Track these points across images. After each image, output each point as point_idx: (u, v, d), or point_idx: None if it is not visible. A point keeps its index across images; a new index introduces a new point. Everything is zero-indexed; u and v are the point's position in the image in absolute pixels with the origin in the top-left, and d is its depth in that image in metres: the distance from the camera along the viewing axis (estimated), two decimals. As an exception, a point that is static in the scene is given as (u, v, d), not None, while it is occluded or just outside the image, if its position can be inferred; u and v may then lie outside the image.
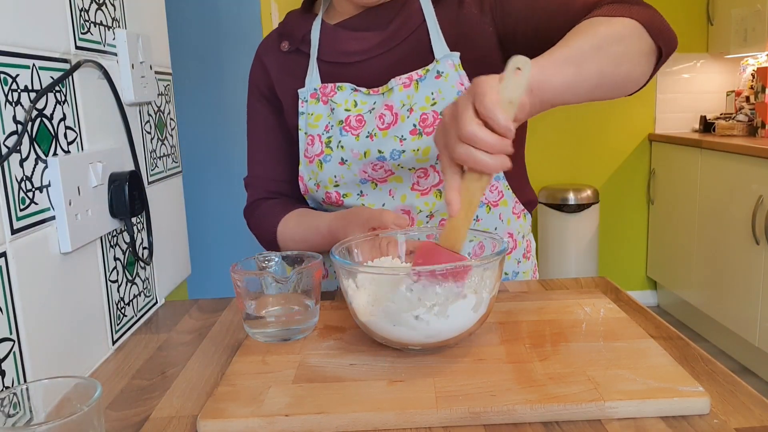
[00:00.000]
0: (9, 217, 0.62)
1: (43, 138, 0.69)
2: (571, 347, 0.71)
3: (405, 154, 0.94)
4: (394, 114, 0.95)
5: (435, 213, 0.99)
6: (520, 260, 1.09)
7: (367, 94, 0.98)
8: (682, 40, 4.09)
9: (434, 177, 0.97)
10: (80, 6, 0.79)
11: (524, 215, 1.08)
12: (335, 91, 0.99)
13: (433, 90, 0.94)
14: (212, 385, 0.70)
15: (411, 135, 0.94)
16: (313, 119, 1.00)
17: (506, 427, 0.59)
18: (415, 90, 0.95)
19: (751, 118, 3.13)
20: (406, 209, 0.99)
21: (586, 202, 3.41)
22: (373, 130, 0.96)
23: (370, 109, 0.97)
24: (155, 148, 1.02)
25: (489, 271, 0.69)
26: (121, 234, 0.87)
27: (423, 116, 0.94)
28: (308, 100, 1.00)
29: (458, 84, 0.94)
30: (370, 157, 0.96)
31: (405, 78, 0.95)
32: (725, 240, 2.89)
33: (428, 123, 0.94)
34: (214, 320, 0.90)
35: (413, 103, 0.94)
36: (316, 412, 0.60)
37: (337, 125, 0.98)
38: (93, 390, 0.51)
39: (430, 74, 0.95)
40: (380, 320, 0.69)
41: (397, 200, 0.99)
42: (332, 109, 0.98)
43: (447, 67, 0.95)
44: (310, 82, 1.01)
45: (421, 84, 0.95)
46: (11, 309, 0.62)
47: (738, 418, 0.59)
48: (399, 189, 0.98)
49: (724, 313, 2.93)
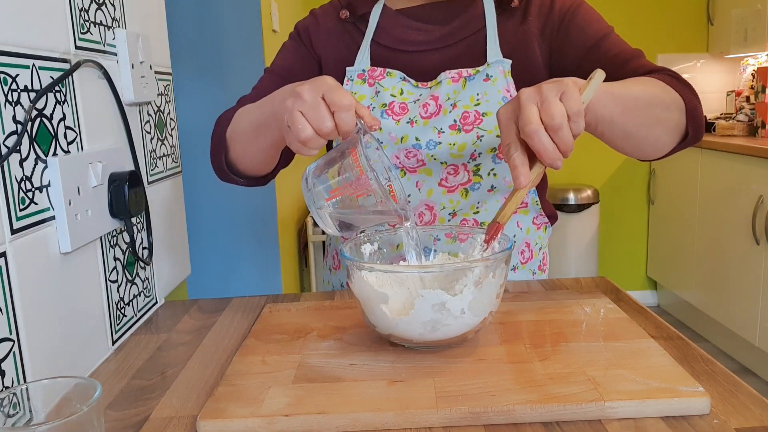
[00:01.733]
0: (9, 217, 0.62)
1: (42, 138, 0.69)
2: (571, 347, 0.71)
3: (440, 146, 0.95)
4: (438, 105, 0.96)
5: (458, 212, 1.00)
6: (535, 272, 1.09)
7: (415, 86, 0.99)
8: (682, 40, 4.06)
9: (464, 175, 0.98)
10: (80, 6, 0.79)
11: (545, 228, 1.08)
12: (384, 76, 0.99)
13: (479, 91, 0.96)
14: (212, 385, 0.70)
15: (450, 129, 0.95)
16: (357, 98, 0.99)
17: (506, 427, 0.59)
18: (462, 87, 0.96)
19: (752, 118, 3.13)
20: (430, 204, 0.99)
21: (586, 202, 3.42)
22: (414, 117, 0.96)
23: (415, 100, 0.98)
24: (155, 148, 1.02)
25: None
26: (120, 234, 0.87)
27: (465, 114, 0.95)
28: (354, 79, 1.00)
29: (504, 90, 0.95)
30: (407, 143, 0.96)
31: (455, 73, 0.97)
32: (725, 240, 2.89)
33: (468, 121, 0.95)
34: (214, 320, 0.90)
35: (458, 99, 0.96)
36: (316, 412, 0.60)
37: (379, 107, 0.98)
38: (93, 390, 0.51)
39: (479, 75, 0.96)
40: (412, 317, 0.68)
41: (423, 194, 0.99)
42: (377, 92, 0.99)
43: (497, 72, 0.96)
44: (360, 62, 1.01)
45: (468, 82, 0.96)
46: (11, 309, 0.62)
47: (738, 418, 0.59)
48: (427, 182, 0.98)
49: (724, 313, 2.93)
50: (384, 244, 0.82)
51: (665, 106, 0.85)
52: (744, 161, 2.73)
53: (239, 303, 0.97)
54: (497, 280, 0.70)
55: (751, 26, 3.10)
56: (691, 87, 0.91)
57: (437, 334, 0.69)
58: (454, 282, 0.73)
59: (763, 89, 3.03)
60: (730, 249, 2.85)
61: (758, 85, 3.10)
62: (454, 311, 0.67)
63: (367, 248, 0.81)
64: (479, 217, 1.00)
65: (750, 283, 2.72)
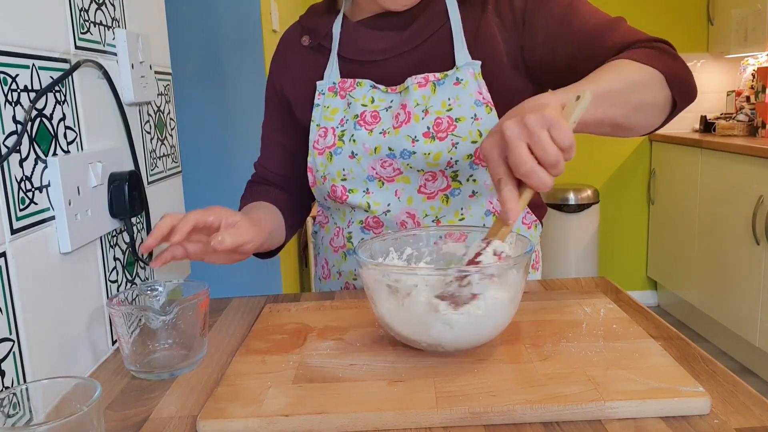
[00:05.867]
0: (9, 217, 0.62)
1: (42, 138, 0.69)
2: (571, 347, 0.71)
3: (415, 156, 0.94)
4: (407, 113, 0.95)
5: (441, 218, 0.98)
6: (529, 270, 1.08)
7: (385, 92, 0.98)
8: (682, 40, 4.06)
9: (442, 181, 0.97)
10: (80, 6, 0.79)
11: (535, 226, 1.08)
12: (354, 87, 0.99)
13: (450, 96, 0.94)
14: (212, 385, 0.70)
15: (424, 137, 0.93)
16: (329, 112, 1.00)
17: (506, 427, 0.59)
18: (432, 92, 0.95)
19: (752, 118, 3.13)
20: (411, 212, 0.98)
21: (586, 202, 3.42)
22: (387, 127, 0.96)
23: (386, 107, 0.97)
24: (155, 148, 1.02)
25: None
26: (120, 234, 0.87)
27: (438, 120, 0.93)
28: (325, 93, 1.01)
29: (476, 93, 0.94)
30: (381, 153, 0.96)
31: (421, 78, 0.95)
32: (725, 240, 2.89)
33: (442, 128, 0.93)
34: (214, 320, 0.90)
35: (429, 105, 0.94)
36: (316, 412, 0.60)
37: (352, 119, 0.98)
38: (93, 390, 0.51)
39: (449, 79, 0.95)
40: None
41: (404, 202, 0.98)
42: (349, 103, 0.99)
43: (467, 75, 0.94)
44: (329, 76, 1.01)
45: (438, 87, 0.95)
46: (11, 309, 0.62)
47: (738, 418, 0.59)
48: (406, 190, 0.98)
49: (725, 313, 2.93)
50: None
51: (646, 87, 0.83)
52: (744, 161, 2.73)
53: (239, 303, 0.97)
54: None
55: (751, 26, 3.10)
56: (668, 51, 0.88)
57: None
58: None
59: (764, 89, 3.03)
60: (730, 249, 2.85)
61: (758, 85, 3.10)
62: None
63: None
64: (465, 223, 0.99)
65: (750, 283, 2.72)
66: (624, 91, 0.80)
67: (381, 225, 1.00)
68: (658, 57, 0.86)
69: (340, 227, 1.05)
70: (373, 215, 0.99)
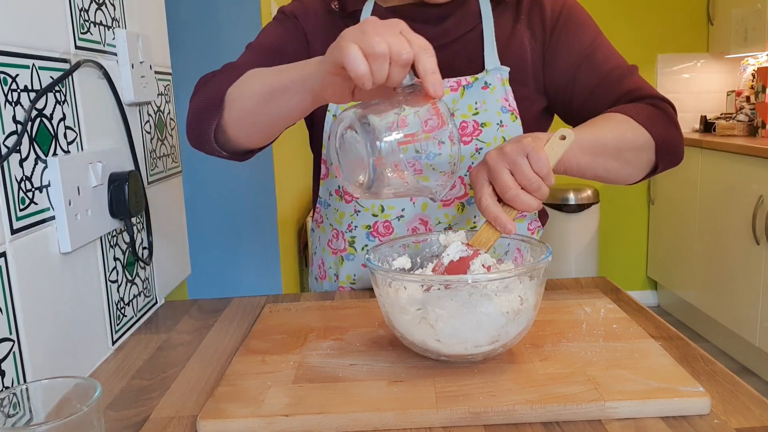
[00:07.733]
0: (9, 217, 0.62)
1: (42, 138, 0.69)
2: (571, 347, 0.71)
3: (440, 157, 0.93)
4: None
5: (453, 227, 0.97)
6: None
7: None
8: (682, 40, 4.05)
9: (460, 189, 0.96)
10: (80, 6, 0.79)
11: (538, 231, 1.08)
12: None
13: (477, 99, 0.93)
14: (212, 385, 0.70)
15: (449, 140, 0.92)
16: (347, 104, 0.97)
17: (506, 427, 0.59)
18: (461, 96, 0.94)
19: (752, 118, 3.13)
20: (425, 218, 0.97)
21: (586, 202, 3.41)
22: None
23: None
24: (155, 148, 1.02)
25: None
26: (120, 234, 0.87)
27: (463, 124, 0.93)
28: None
29: (503, 99, 0.94)
30: (407, 154, 0.94)
31: (453, 82, 0.94)
32: (725, 240, 2.89)
33: (467, 132, 0.93)
34: (214, 320, 0.90)
35: (455, 108, 0.93)
36: (316, 412, 0.60)
37: None
38: (93, 390, 0.51)
39: (477, 83, 0.94)
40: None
41: (418, 208, 0.96)
42: None
43: (495, 80, 0.94)
44: None
45: (467, 91, 0.94)
46: (11, 309, 0.62)
47: (738, 418, 0.59)
48: None
49: (724, 313, 2.93)
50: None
51: (635, 148, 0.88)
52: (744, 161, 2.73)
53: (239, 303, 0.97)
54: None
55: (751, 26, 3.10)
56: (670, 114, 0.92)
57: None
58: None
59: (763, 89, 3.03)
60: (730, 249, 2.85)
61: (758, 85, 3.10)
62: None
63: None
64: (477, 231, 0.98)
65: (750, 283, 2.72)
66: (613, 146, 0.85)
67: (391, 231, 0.98)
68: (657, 120, 0.90)
69: (338, 230, 1.02)
70: (385, 219, 0.97)
